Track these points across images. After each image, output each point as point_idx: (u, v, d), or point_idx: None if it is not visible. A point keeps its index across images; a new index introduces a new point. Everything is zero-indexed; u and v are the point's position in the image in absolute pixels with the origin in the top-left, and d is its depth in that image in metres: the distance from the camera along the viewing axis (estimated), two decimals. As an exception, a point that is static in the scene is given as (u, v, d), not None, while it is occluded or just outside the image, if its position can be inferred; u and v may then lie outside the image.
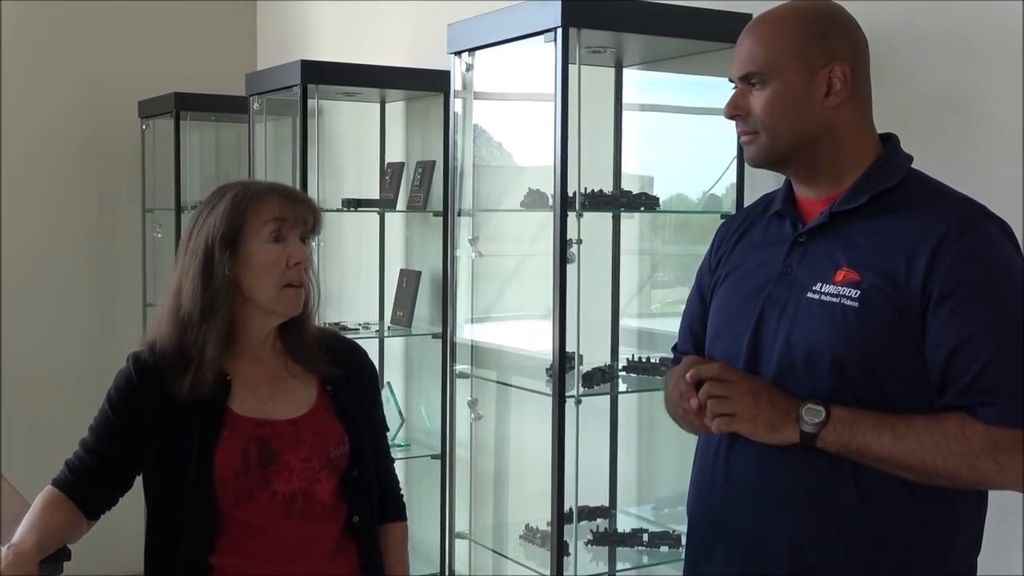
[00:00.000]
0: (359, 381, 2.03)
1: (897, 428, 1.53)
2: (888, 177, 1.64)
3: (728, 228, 1.87)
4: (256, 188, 1.90)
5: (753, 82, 1.67)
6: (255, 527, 1.86)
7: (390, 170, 3.94)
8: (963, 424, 1.51)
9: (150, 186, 4.89)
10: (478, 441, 3.06)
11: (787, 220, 1.73)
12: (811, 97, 1.64)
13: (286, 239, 1.87)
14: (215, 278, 1.85)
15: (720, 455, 1.70)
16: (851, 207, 1.64)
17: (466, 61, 2.79)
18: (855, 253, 1.60)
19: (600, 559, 2.78)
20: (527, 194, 2.69)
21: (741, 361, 1.68)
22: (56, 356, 4.88)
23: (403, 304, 3.85)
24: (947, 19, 2.24)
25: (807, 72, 1.63)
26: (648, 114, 3.10)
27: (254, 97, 3.85)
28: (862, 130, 1.68)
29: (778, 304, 1.66)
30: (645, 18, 2.53)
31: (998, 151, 2.16)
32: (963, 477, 1.52)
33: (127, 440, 1.88)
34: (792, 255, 1.68)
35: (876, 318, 1.55)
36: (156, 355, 1.89)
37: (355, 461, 1.94)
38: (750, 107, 1.67)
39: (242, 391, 1.90)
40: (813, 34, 1.64)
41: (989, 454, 1.49)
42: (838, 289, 1.59)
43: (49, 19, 4.84)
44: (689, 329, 1.89)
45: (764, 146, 1.67)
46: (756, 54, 1.66)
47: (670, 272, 3.24)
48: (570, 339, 2.49)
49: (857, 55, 1.67)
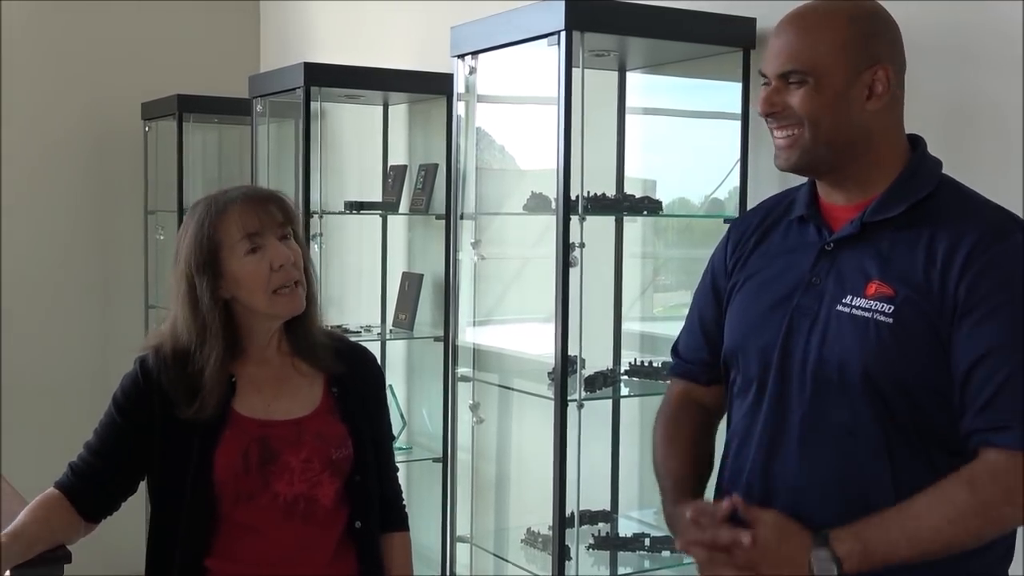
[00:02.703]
0: (365, 384, 2.02)
1: (906, 527, 1.47)
2: (922, 186, 1.59)
3: (745, 228, 1.79)
4: (219, 204, 1.87)
5: (792, 80, 1.59)
6: (254, 530, 1.85)
7: (393, 173, 3.94)
8: (969, 484, 1.47)
9: (152, 188, 4.89)
10: (479, 444, 3.05)
11: (811, 225, 1.67)
12: (852, 99, 1.57)
13: (263, 247, 1.85)
14: (200, 305, 1.85)
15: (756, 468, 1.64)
16: (885, 217, 1.58)
17: (469, 64, 2.79)
18: (887, 265, 1.55)
19: (601, 563, 2.78)
20: (530, 197, 2.69)
21: (772, 373, 1.62)
22: (58, 358, 4.87)
23: (405, 307, 3.84)
24: (950, 24, 2.23)
25: (851, 73, 1.57)
26: (651, 118, 3.10)
27: (257, 99, 3.85)
28: (895, 136, 1.63)
29: (808, 316, 1.60)
30: (648, 22, 2.52)
31: (1001, 157, 2.15)
32: (992, 531, 1.50)
33: (132, 443, 1.88)
34: (820, 264, 1.62)
35: (910, 334, 1.51)
36: (160, 364, 1.88)
37: (358, 465, 1.93)
38: (788, 104, 1.59)
39: (247, 392, 1.90)
40: (861, 34, 1.58)
41: (1004, 500, 1.47)
42: (870, 303, 1.54)
43: (52, 21, 4.84)
44: (701, 332, 1.82)
45: (805, 146, 1.59)
46: (800, 50, 1.58)
47: (672, 276, 3.23)
48: (572, 343, 2.48)
49: (898, 59, 1.61)
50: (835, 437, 1.56)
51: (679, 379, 1.88)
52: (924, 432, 1.54)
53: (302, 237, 1.96)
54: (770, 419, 1.63)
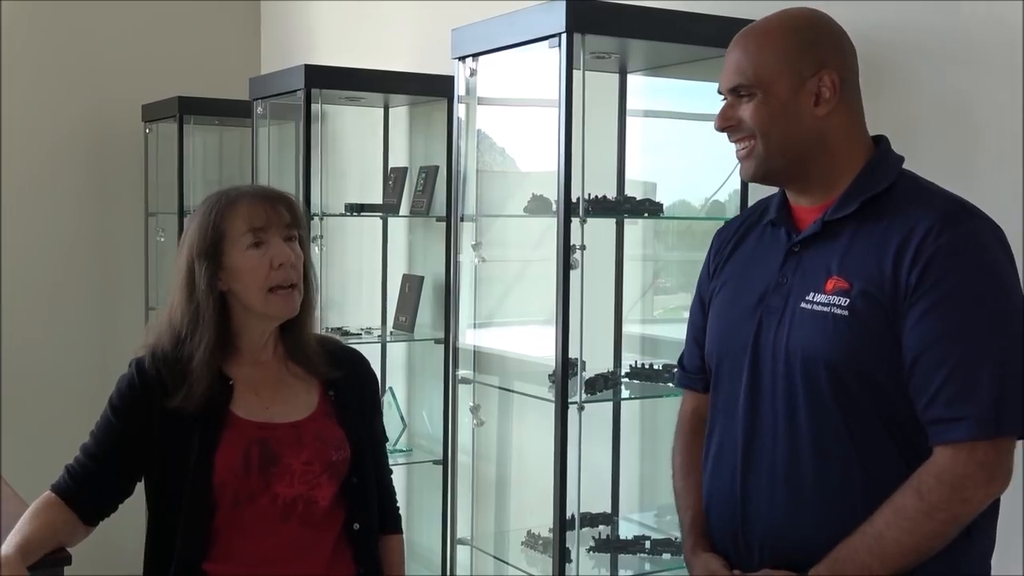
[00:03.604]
0: (361, 389, 2.03)
1: (873, 549, 1.54)
2: (878, 181, 1.64)
3: (724, 236, 1.87)
4: (229, 197, 1.90)
5: (742, 94, 1.67)
6: (252, 532, 1.85)
7: (393, 175, 3.94)
8: (916, 490, 1.52)
9: (153, 190, 4.90)
10: (480, 447, 3.05)
11: (781, 229, 1.73)
12: (800, 106, 1.64)
13: (267, 243, 1.87)
14: (196, 291, 1.86)
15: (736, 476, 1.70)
16: (843, 215, 1.64)
17: (470, 66, 2.79)
18: (845, 260, 1.61)
19: (602, 566, 2.78)
20: (530, 199, 2.68)
21: (744, 374, 1.69)
22: (58, 360, 4.88)
23: (405, 309, 3.84)
24: (947, 24, 2.23)
25: (796, 82, 1.64)
26: (652, 120, 3.10)
27: (257, 101, 3.85)
28: (853, 137, 1.68)
29: (775, 315, 1.67)
30: (650, 24, 2.53)
31: (999, 156, 2.15)
32: (950, 530, 1.53)
33: (129, 445, 1.88)
34: (787, 265, 1.69)
35: (865, 325, 1.56)
36: (157, 361, 1.89)
37: (355, 468, 1.94)
38: (740, 118, 1.68)
39: (244, 394, 1.90)
40: (800, 44, 1.65)
41: (951, 497, 1.51)
42: (828, 298, 1.60)
43: (53, 23, 4.85)
44: (694, 340, 1.89)
45: (760, 156, 1.67)
46: (744, 66, 1.67)
47: (673, 278, 3.23)
48: (573, 345, 2.48)
49: (845, 62, 1.67)
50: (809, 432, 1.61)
51: (686, 391, 1.95)
52: (889, 420, 1.58)
53: (308, 243, 1.97)
54: (747, 413, 1.69)
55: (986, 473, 1.51)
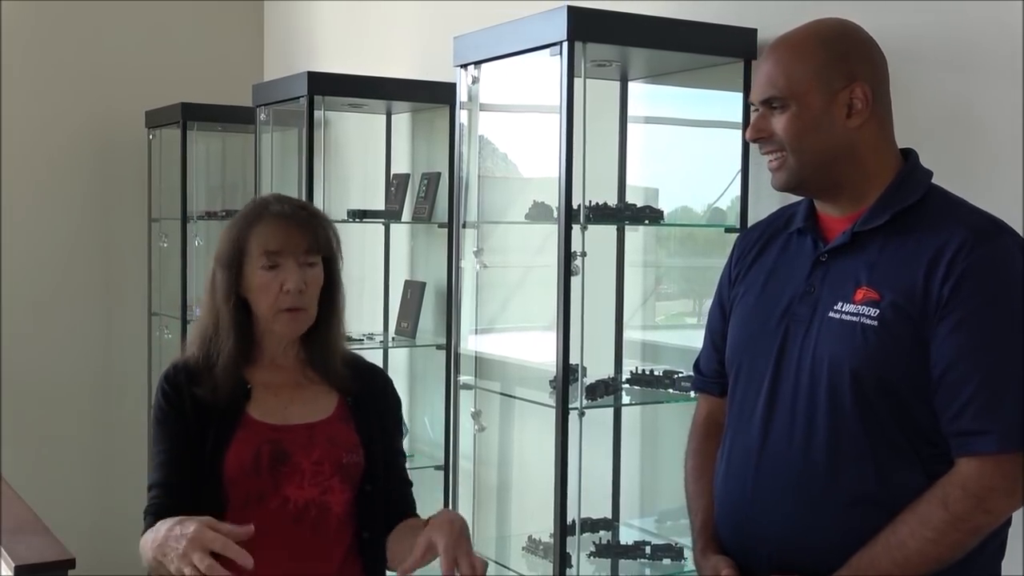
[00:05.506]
0: (382, 404, 2.04)
1: (895, 558, 1.55)
2: (908, 194, 1.65)
3: (747, 242, 1.87)
4: (258, 210, 1.93)
5: (775, 105, 1.67)
6: (262, 535, 1.84)
7: (395, 181, 3.95)
8: (942, 501, 1.53)
9: (156, 196, 4.91)
10: (481, 452, 3.06)
11: (808, 237, 1.73)
12: (832, 119, 1.64)
13: (281, 266, 1.88)
14: (216, 296, 1.91)
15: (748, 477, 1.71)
16: (873, 226, 1.64)
17: (472, 73, 2.80)
18: (875, 272, 1.61)
19: (603, 571, 2.78)
20: (532, 206, 2.70)
21: (765, 380, 1.69)
22: (61, 365, 4.88)
23: (407, 315, 3.85)
24: (948, 29, 2.24)
25: (828, 94, 1.64)
26: (653, 127, 3.11)
27: (261, 108, 3.86)
28: (883, 148, 1.69)
29: (802, 324, 1.67)
30: (650, 32, 2.54)
31: (999, 161, 2.16)
32: (972, 541, 1.54)
33: (187, 437, 1.87)
34: (814, 274, 1.69)
35: (894, 336, 1.57)
36: (179, 372, 1.92)
37: (369, 476, 1.94)
38: (772, 129, 1.68)
39: (262, 397, 1.92)
40: (832, 56, 1.65)
41: (976, 509, 1.52)
42: (857, 308, 1.60)
43: (57, 29, 4.86)
44: (712, 345, 1.90)
45: (792, 168, 1.67)
46: (776, 78, 1.66)
47: (674, 285, 3.24)
48: (574, 351, 2.49)
49: (877, 74, 1.68)
50: (826, 439, 1.61)
51: (702, 394, 1.96)
52: (909, 432, 1.58)
53: (338, 261, 1.97)
54: (763, 419, 1.69)
55: (1010, 485, 1.53)
